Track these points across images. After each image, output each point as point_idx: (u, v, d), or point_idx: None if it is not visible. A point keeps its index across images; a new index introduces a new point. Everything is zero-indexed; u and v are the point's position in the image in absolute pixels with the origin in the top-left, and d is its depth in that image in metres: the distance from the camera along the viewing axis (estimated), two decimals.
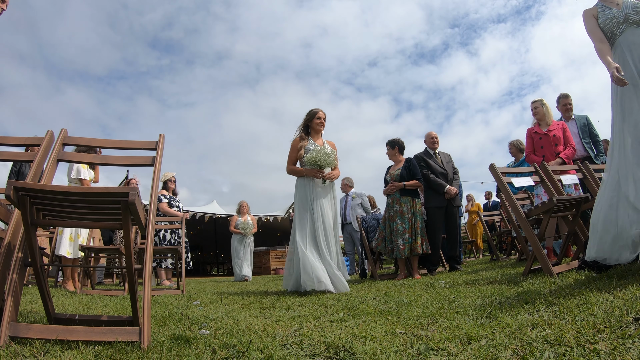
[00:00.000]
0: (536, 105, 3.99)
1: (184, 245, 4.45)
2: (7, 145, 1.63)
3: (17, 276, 1.25)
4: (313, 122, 3.33)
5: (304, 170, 3.18)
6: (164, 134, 1.66)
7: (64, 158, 1.60)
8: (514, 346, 0.99)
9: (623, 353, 0.86)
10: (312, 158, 3.13)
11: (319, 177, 3.15)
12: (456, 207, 4.56)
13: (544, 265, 2.39)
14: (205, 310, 2.08)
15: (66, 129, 1.64)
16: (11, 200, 1.09)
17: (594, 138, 4.34)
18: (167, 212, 5.05)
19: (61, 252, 3.88)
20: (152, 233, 1.38)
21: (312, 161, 3.13)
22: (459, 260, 4.60)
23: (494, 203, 8.29)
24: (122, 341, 1.18)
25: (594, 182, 3.05)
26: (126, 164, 1.69)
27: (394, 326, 1.40)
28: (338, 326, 1.46)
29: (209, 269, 16.66)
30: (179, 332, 1.37)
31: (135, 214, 1.18)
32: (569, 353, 0.90)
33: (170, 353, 1.10)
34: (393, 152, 4.41)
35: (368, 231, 4.77)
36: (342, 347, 1.11)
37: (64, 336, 1.18)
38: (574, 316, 1.20)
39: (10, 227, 1.31)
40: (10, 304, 1.20)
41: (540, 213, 2.63)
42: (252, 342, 1.19)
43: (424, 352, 1.03)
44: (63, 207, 1.21)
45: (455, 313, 1.54)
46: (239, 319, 1.73)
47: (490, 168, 2.88)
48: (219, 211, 12.01)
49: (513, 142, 5.15)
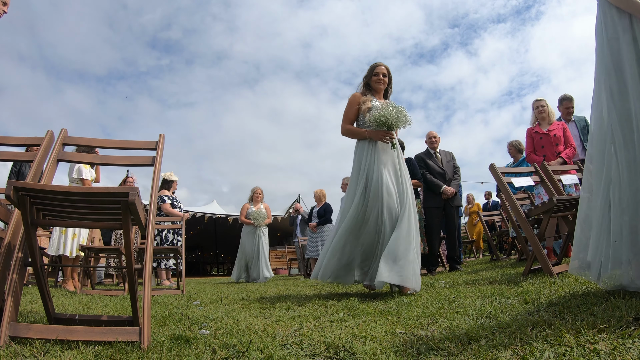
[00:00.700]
0: (542, 104, 3.98)
1: (183, 244, 4.46)
2: (7, 145, 1.63)
3: (17, 276, 1.25)
4: (372, 80, 2.73)
5: (367, 132, 2.57)
6: (164, 134, 1.66)
7: (64, 158, 1.60)
8: (514, 346, 0.99)
9: (623, 353, 0.86)
10: (379, 116, 2.49)
11: (386, 141, 2.54)
12: (455, 207, 4.56)
13: (544, 265, 2.39)
14: (205, 310, 2.08)
15: (66, 129, 1.64)
16: (11, 200, 1.09)
17: None
18: (171, 213, 5.02)
19: (66, 252, 3.88)
20: (152, 233, 1.38)
21: (380, 120, 2.50)
22: (459, 260, 4.60)
23: (493, 203, 8.30)
24: (122, 341, 1.18)
25: None
26: (126, 164, 1.69)
27: (394, 326, 1.40)
28: (338, 326, 1.46)
29: (209, 269, 16.66)
30: (179, 332, 1.37)
31: (135, 214, 1.18)
32: (569, 353, 0.90)
33: (170, 353, 1.10)
34: None
35: None
36: (342, 347, 1.11)
37: (64, 336, 1.18)
38: (574, 316, 1.20)
39: (10, 227, 1.31)
40: (10, 304, 1.20)
41: (540, 213, 2.63)
42: (252, 342, 1.19)
43: (424, 352, 1.03)
44: (63, 207, 1.21)
45: (455, 313, 1.54)
46: (239, 319, 1.73)
47: (490, 168, 2.88)
48: (218, 211, 12.03)
49: (512, 143, 5.15)
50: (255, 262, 5.82)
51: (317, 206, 6.42)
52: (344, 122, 2.70)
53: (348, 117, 2.68)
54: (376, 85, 2.72)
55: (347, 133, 2.70)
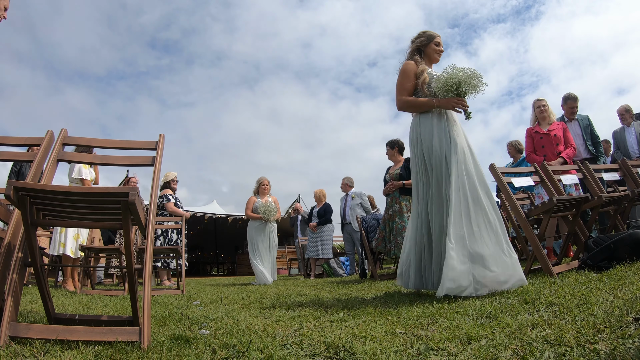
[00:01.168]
0: (544, 103, 3.98)
1: (184, 244, 4.45)
2: (7, 145, 1.63)
3: (17, 276, 1.25)
4: (429, 48, 2.35)
5: (435, 101, 2.16)
6: (164, 134, 1.67)
7: (64, 158, 1.60)
8: (514, 346, 0.99)
9: (623, 353, 0.86)
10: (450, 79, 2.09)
11: (459, 110, 2.16)
12: None
13: (544, 265, 2.39)
14: (205, 310, 2.08)
15: (66, 129, 1.64)
16: (11, 200, 1.09)
17: (595, 139, 4.34)
18: (175, 212, 4.96)
19: (66, 252, 3.88)
20: (152, 233, 1.38)
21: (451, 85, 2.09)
22: None
23: None
24: (122, 341, 1.18)
25: (594, 182, 3.05)
26: (126, 164, 1.69)
27: (394, 326, 1.40)
28: (338, 326, 1.46)
29: (209, 269, 16.66)
30: (179, 332, 1.37)
31: (135, 214, 1.18)
32: (569, 353, 0.90)
33: (170, 353, 1.10)
34: (393, 153, 4.42)
35: (368, 231, 4.77)
36: (342, 347, 1.11)
37: (64, 336, 1.18)
38: (574, 316, 1.20)
39: (10, 227, 1.31)
40: (10, 304, 1.20)
41: (540, 213, 2.63)
42: (252, 342, 1.19)
43: (424, 352, 1.03)
44: (63, 207, 1.21)
45: (455, 313, 1.54)
46: (239, 319, 1.73)
47: (490, 168, 2.88)
48: (218, 211, 12.03)
49: (511, 143, 5.15)
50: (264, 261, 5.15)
51: (317, 206, 6.43)
52: (400, 94, 2.27)
53: (405, 88, 2.25)
54: (435, 55, 2.36)
55: (406, 105, 2.26)
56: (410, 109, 2.28)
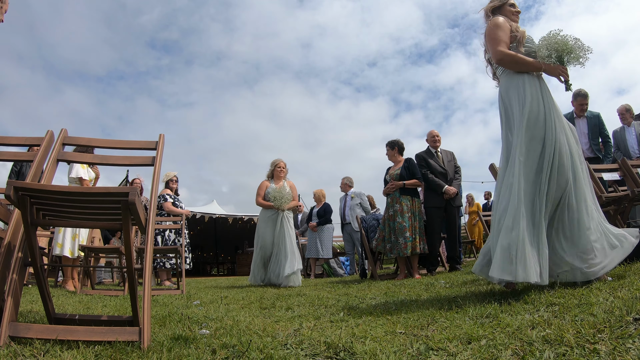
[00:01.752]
0: None
1: (184, 244, 4.45)
2: (7, 145, 1.63)
3: (17, 276, 1.25)
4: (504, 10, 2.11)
5: (544, 65, 1.92)
6: (164, 134, 1.67)
7: (64, 158, 1.60)
8: (514, 346, 0.99)
9: (623, 353, 0.86)
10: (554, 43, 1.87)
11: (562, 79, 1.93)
12: (456, 207, 4.56)
13: None
14: (205, 310, 2.08)
15: (66, 129, 1.64)
16: (11, 200, 1.09)
17: (605, 138, 4.28)
18: (173, 211, 4.95)
19: (65, 253, 3.88)
20: (152, 233, 1.38)
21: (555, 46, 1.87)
22: (459, 260, 4.60)
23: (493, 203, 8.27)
24: (122, 341, 1.18)
25: (594, 182, 3.05)
26: (126, 164, 1.69)
27: (394, 326, 1.40)
28: (338, 326, 1.46)
29: (209, 269, 16.66)
30: (179, 332, 1.37)
31: (135, 214, 1.18)
32: (569, 353, 0.90)
33: (170, 353, 1.10)
34: (392, 153, 4.42)
35: (368, 231, 4.77)
36: (342, 347, 1.11)
37: (64, 336, 1.18)
38: (574, 316, 1.20)
39: (10, 227, 1.31)
40: (10, 304, 1.20)
41: None
42: (252, 342, 1.19)
43: (424, 352, 1.03)
44: (63, 207, 1.21)
45: (455, 313, 1.54)
46: (239, 319, 1.73)
47: (490, 168, 2.87)
48: (219, 211, 12.02)
49: None
50: (275, 258, 4.10)
51: (316, 206, 6.43)
52: (499, 45, 1.95)
53: (503, 40, 1.95)
54: (512, 17, 2.10)
55: (510, 60, 1.95)
56: (513, 65, 1.97)
